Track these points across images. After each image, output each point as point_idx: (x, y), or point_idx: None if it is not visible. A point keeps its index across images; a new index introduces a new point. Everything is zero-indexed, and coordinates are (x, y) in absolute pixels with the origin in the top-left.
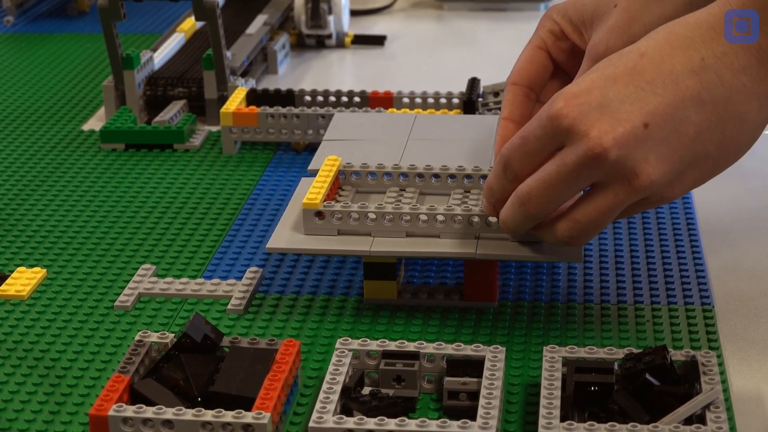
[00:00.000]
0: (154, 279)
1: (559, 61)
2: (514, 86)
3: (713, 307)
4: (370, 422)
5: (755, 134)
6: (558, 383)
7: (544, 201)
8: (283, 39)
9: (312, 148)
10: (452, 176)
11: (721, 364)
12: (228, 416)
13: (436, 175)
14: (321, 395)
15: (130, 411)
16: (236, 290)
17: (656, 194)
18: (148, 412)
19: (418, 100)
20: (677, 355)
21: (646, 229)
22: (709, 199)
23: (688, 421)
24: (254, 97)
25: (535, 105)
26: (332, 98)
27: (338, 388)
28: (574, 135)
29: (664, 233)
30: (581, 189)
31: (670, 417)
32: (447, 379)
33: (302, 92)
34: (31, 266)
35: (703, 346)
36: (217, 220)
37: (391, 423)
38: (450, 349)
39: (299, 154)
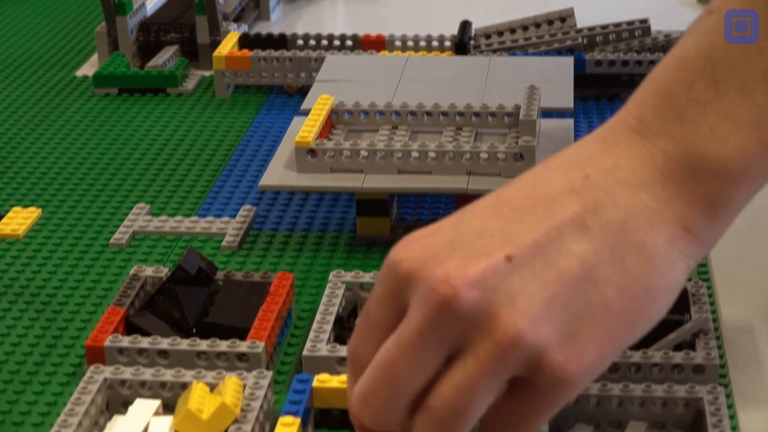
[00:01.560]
0: (149, 217)
1: None
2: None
3: None
4: None
5: (672, 276)
6: None
7: (385, 396)
8: None
9: (305, 91)
10: (444, 114)
11: (711, 295)
12: (223, 346)
13: (428, 113)
14: (314, 325)
15: (125, 341)
16: (230, 227)
17: (538, 362)
18: (144, 342)
19: (410, 43)
20: None
21: None
22: None
23: (677, 347)
24: (246, 42)
25: None
26: (324, 42)
27: (331, 318)
28: (416, 283)
29: None
30: (431, 366)
31: (660, 344)
32: None
33: (294, 36)
34: (27, 206)
35: (694, 277)
36: (210, 160)
37: None
38: None
39: (292, 97)
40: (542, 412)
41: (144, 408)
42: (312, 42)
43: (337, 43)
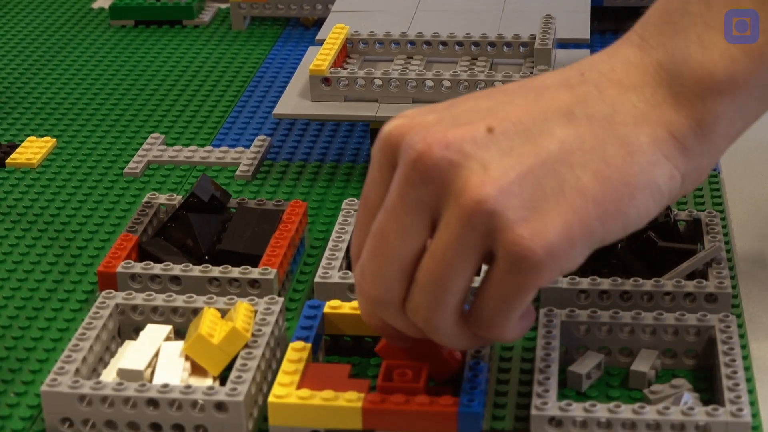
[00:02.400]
0: (163, 147)
1: None
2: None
3: (719, 172)
4: None
5: (653, 175)
6: None
7: (378, 263)
8: None
9: (321, 23)
10: (459, 44)
11: (725, 225)
12: (235, 272)
13: (443, 43)
14: (326, 252)
15: (138, 267)
16: (244, 157)
17: (500, 231)
18: (156, 268)
19: None
20: (681, 215)
21: None
22: None
23: (690, 276)
24: None
25: None
26: None
27: (344, 246)
28: (401, 147)
29: None
30: (417, 232)
31: (673, 273)
32: None
33: None
34: (41, 136)
35: (708, 207)
36: (225, 91)
37: None
38: None
39: (308, 29)
40: (514, 295)
41: (155, 333)
42: None
43: None
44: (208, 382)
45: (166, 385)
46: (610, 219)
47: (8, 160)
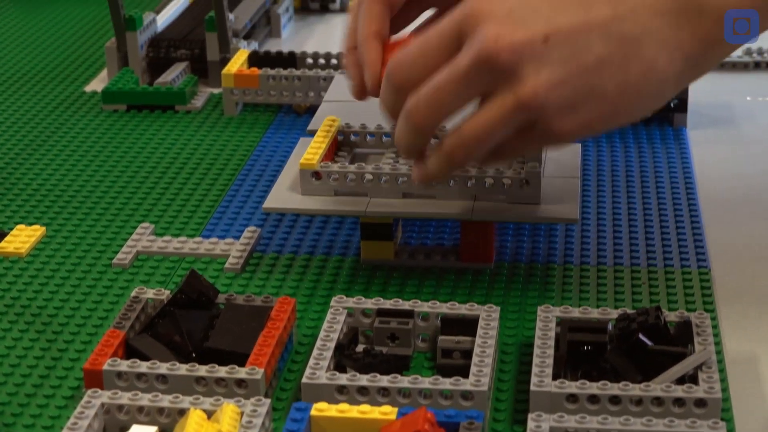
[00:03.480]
0: (153, 237)
1: None
2: (373, 1)
3: (710, 270)
4: (363, 379)
5: (662, 89)
6: (551, 342)
7: (432, 109)
8: (287, 2)
9: (313, 111)
10: None
11: (715, 326)
12: (222, 371)
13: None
14: (314, 351)
15: (124, 365)
16: (234, 249)
17: (543, 118)
18: (143, 366)
19: None
20: (671, 316)
21: (645, 192)
22: (709, 162)
23: (680, 380)
24: (256, 59)
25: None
26: (334, 61)
27: (332, 345)
28: (473, 35)
29: (663, 196)
30: (469, 97)
31: (663, 376)
32: (441, 337)
33: (304, 55)
34: (31, 224)
35: (699, 308)
36: (216, 180)
37: (384, 380)
38: (445, 308)
39: (300, 117)
40: (536, 147)
41: None
42: (321, 61)
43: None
44: None
45: None
46: (621, 116)
47: None
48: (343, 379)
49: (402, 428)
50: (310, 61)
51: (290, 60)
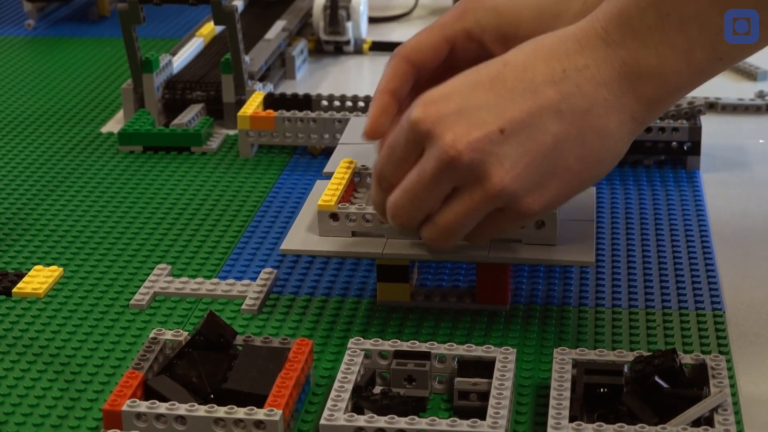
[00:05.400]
0: (170, 278)
1: (460, 59)
2: (402, 60)
3: (724, 312)
4: (381, 420)
5: (618, 149)
6: (568, 384)
7: (410, 209)
8: (302, 45)
9: (328, 152)
10: None
11: (730, 369)
12: (240, 413)
13: None
14: (332, 393)
15: (143, 406)
16: (251, 291)
17: (512, 203)
18: (162, 407)
19: None
20: (687, 359)
21: (658, 234)
22: (722, 204)
23: (696, 423)
24: (271, 101)
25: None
26: (349, 103)
27: (350, 386)
28: (431, 139)
29: (677, 238)
30: (442, 194)
31: (679, 419)
32: (458, 379)
33: (319, 97)
34: (48, 265)
35: (713, 350)
36: (232, 221)
37: (401, 421)
38: (461, 350)
39: (315, 158)
40: (510, 226)
41: None
42: (336, 103)
43: (361, 104)
44: None
45: None
46: (585, 182)
47: (15, 290)
48: (361, 420)
49: None
50: (325, 103)
51: (305, 102)
